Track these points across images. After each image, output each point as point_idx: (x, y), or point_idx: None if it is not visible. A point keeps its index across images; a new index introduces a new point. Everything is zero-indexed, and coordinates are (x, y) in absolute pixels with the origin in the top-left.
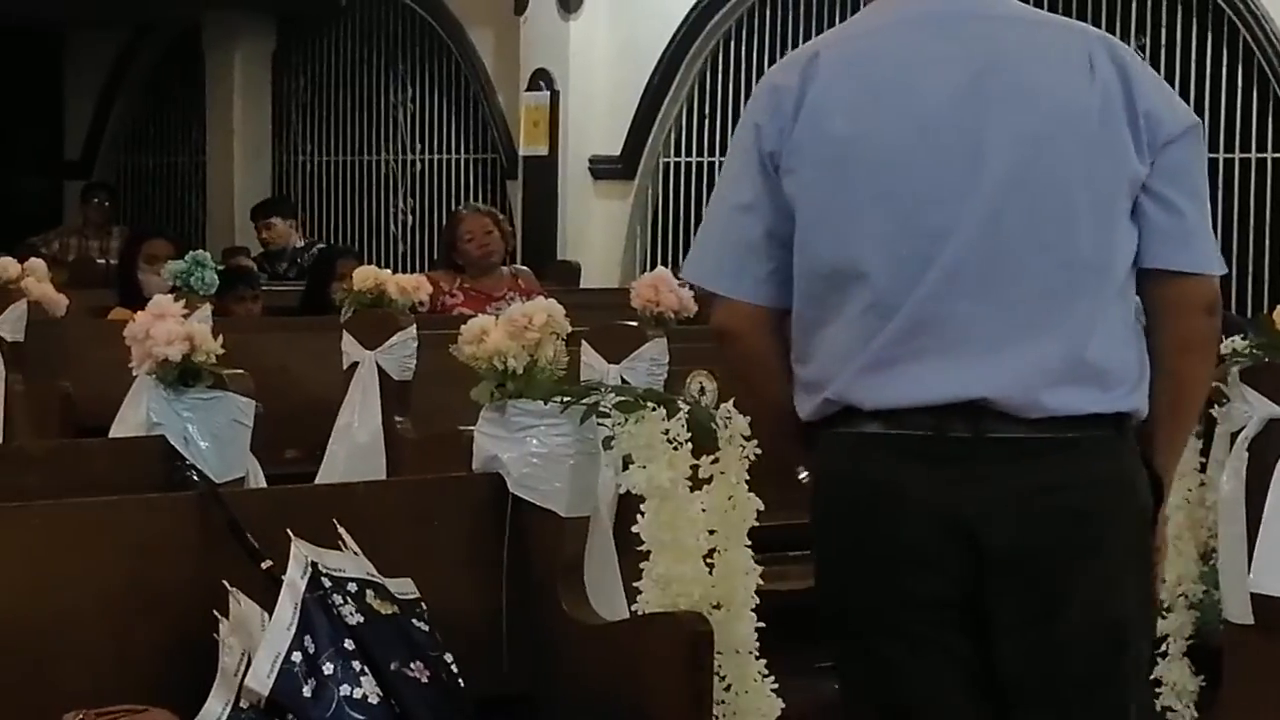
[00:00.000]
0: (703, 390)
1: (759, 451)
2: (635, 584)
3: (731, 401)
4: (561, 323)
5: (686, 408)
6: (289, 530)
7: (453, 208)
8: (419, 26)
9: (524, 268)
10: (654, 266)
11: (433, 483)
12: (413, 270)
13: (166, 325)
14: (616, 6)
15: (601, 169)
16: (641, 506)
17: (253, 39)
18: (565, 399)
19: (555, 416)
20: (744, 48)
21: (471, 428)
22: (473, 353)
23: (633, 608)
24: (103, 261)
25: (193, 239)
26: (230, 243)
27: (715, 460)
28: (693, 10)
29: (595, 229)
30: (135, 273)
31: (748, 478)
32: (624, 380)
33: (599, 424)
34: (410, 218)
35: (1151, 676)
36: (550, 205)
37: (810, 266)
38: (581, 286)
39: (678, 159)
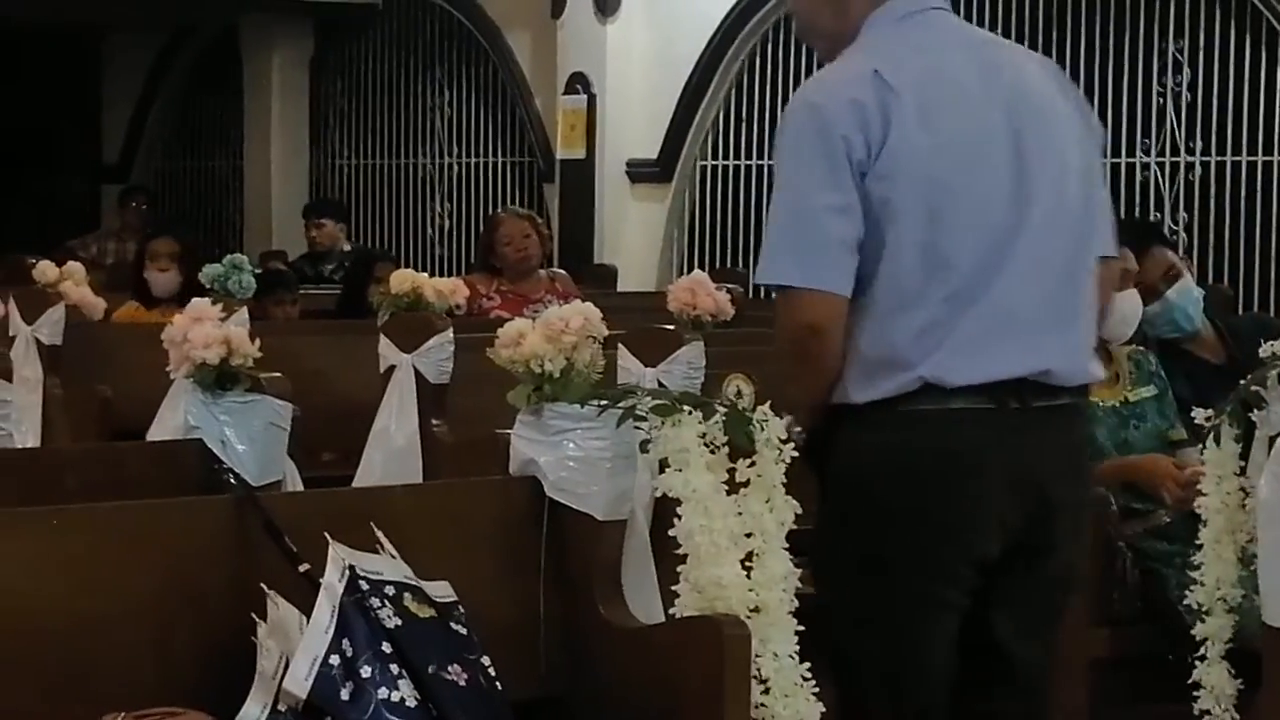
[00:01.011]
0: (739, 393)
1: (795, 454)
2: (672, 587)
3: (769, 404)
4: (598, 326)
5: (723, 411)
6: (326, 534)
7: (489, 211)
8: (456, 30)
9: (561, 271)
10: (690, 270)
11: (470, 486)
12: (449, 274)
13: (204, 329)
14: (653, 9)
15: (638, 172)
16: (678, 510)
17: (291, 42)
18: (602, 402)
19: (592, 420)
20: (781, 51)
21: (508, 431)
22: (510, 356)
23: (670, 611)
24: None
25: (229, 242)
26: (267, 246)
27: (752, 463)
28: (730, 13)
29: (632, 232)
30: (143, 272)
31: (785, 480)
32: (660, 384)
33: (635, 427)
34: (447, 221)
35: (1190, 680)
36: (587, 209)
37: (901, 259)
38: (618, 290)
39: (715, 162)
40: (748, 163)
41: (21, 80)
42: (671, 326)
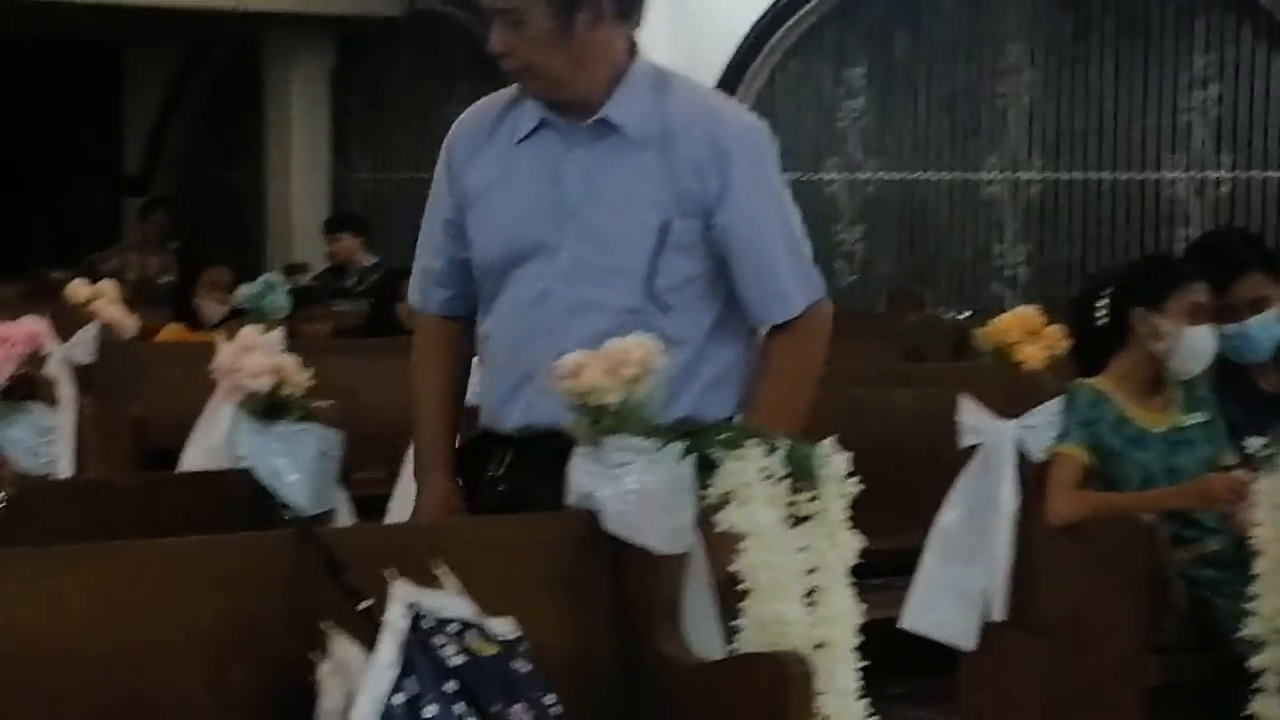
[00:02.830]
0: None
1: (860, 487)
2: (733, 623)
3: (835, 438)
4: (659, 359)
5: (786, 444)
6: (388, 570)
7: None
8: (476, 44)
9: None
10: None
11: (528, 520)
12: None
13: (254, 358)
14: (675, 23)
15: None
16: (740, 545)
17: (312, 56)
18: (663, 435)
19: (652, 453)
20: (804, 65)
21: None
22: (569, 388)
23: (730, 647)
24: (164, 280)
25: (250, 255)
26: (289, 259)
27: (814, 498)
28: (753, 28)
29: None
30: (193, 297)
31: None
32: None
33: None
34: None
35: (1246, 712)
36: None
37: None
38: None
39: None
40: None
41: (42, 93)
42: None
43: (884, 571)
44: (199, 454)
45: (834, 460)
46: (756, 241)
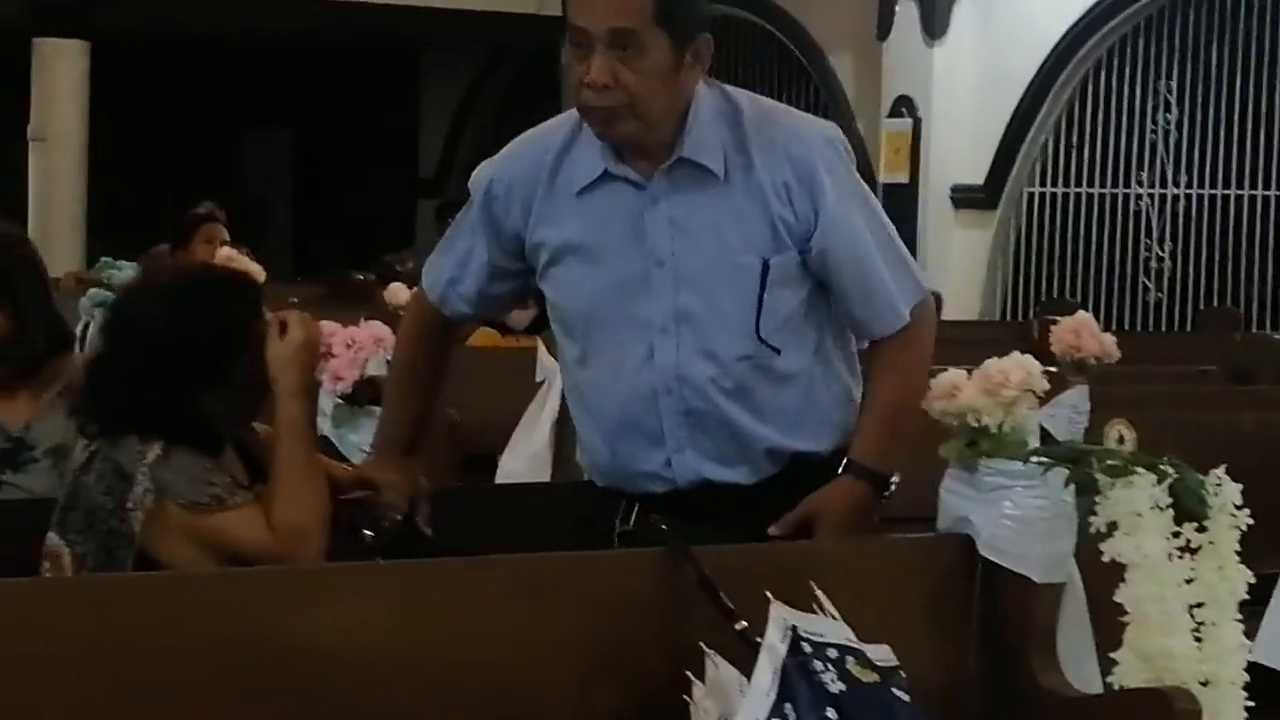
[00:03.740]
0: (1122, 439)
1: (1251, 521)
2: (1110, 655)
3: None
4: (1039, 380)
5: (1173, 473)
6: (766, 591)
7: None
8: (778, 51)
9: None
10: (1016, 298)
11: (900, 543)
12: None
13: None
14: (983, 32)
15: (963, 198)
16: (1124, 575)
17: None
18: (1045, 460)
19: (1032, 478)
20: (1115, 77)
21: None
22: (944, 408)
23: (1107, 680)
24: None
25: None
26: None
27: (1203, 529)
28: (1064, 38)
29: (955, 259)
30: None
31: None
32: (1043, 429)
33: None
34: None
35: None
36: (909, 234)
37: None
38: (941, 318)
39: (1042, 189)
40: (1077, 190)
41: (341, 96)
42: (1054, 369)
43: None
44: (518, 461)
45: (1225, 490)
46: (857, 258)
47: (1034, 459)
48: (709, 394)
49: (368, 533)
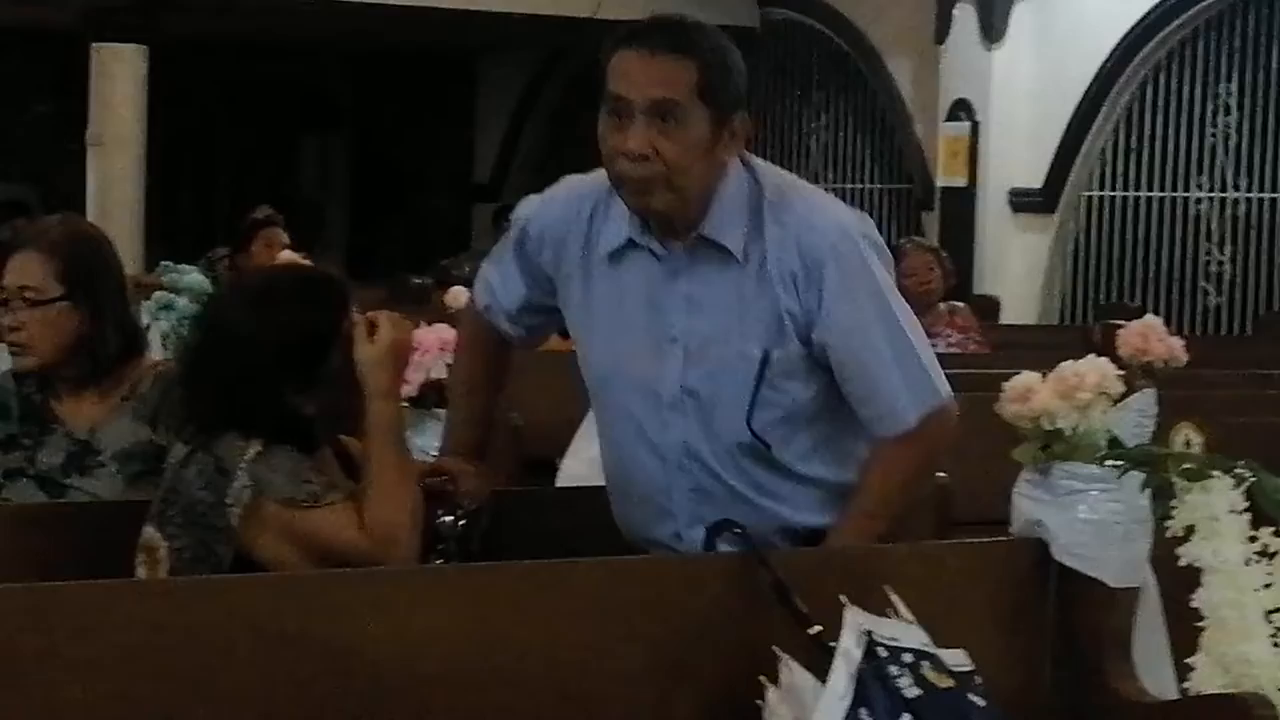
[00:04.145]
0: (1189, 443)
1: None
2: (1186, 660)
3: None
4: (1114, 383)
5: (1251, 476)
6: (842, 596)
7: None
8: (835, 55)
9: (960, 304)
10: (1075, 303)
11: (974, 547)
12: None
13: None
14: (1041, 36)
15: (1021, 202)
16: (1200, 579)
17: None
18: (1121, 463)
19: (1108, 482)
20: (1175, 80)
21: None
22: (1017, 411)
23: (1183, 685)
24: None
25: None
26: None
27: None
28: (1122, 41)
29: (1013, 262)
30: None
31: None
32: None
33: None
34: None
35: None
36: (967, 237)
37: None
38: (999, 322)
39: (1101, 193)
40: (1136, 194)
41: (398, 101)
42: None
43: None
44: (579, 465)
45: None
46: (859, 358)
47: (1109, 462)
48: (716, 471)
49: (446, 519)
